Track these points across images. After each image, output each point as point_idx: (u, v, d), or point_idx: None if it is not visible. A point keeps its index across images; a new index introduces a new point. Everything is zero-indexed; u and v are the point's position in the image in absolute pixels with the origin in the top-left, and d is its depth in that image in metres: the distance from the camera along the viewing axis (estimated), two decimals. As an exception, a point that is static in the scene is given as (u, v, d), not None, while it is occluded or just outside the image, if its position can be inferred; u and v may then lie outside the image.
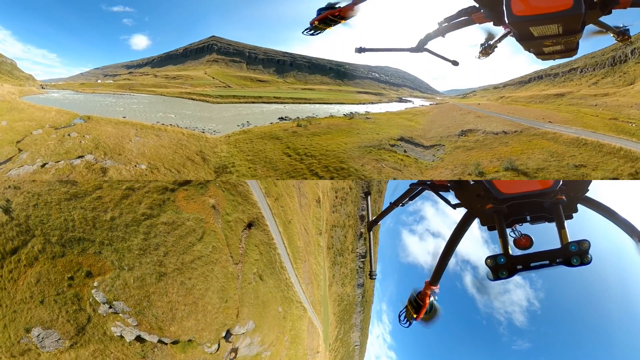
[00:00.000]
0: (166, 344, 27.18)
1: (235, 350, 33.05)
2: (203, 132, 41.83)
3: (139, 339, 26.18)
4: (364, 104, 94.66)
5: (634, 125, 36.27)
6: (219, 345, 30.63)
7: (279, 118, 53.01)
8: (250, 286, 36.40)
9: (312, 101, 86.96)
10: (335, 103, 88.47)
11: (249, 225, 39.27)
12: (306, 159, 30.33)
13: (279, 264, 42.22)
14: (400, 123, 51.43)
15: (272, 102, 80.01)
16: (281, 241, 43.63)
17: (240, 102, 76.18)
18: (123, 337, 25.57)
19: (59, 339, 24.29)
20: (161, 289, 27.57)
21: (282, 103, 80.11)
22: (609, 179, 23.09)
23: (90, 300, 25.68)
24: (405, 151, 30.61)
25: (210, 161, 32.83)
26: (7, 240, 25.34)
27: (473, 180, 5.22)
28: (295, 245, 46.62)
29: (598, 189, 5.00)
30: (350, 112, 62.79)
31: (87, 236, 27.02)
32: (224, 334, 31.35)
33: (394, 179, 27.96)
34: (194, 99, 76.58)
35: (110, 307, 25.92)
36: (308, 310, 47.41)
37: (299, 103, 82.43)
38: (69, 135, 35.37)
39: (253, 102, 77.67)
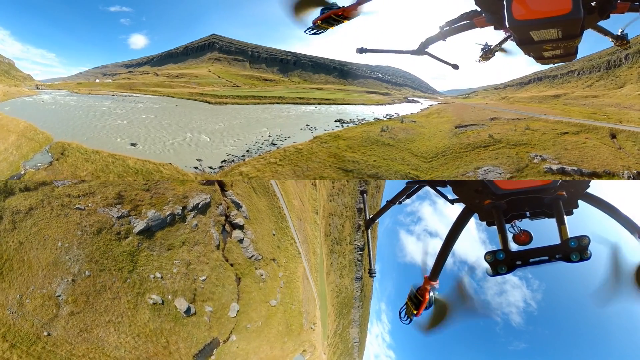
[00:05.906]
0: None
1: (230, 222, 33.81)
2: (299, 149, 31.33)
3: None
4: (382, 104, 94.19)
5: (605, 116, 49.78)
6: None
7: (335, 121, 52.98)
8: (243, 182, 36.38)
9: (336, 102, 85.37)
10: (356, 104, 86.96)
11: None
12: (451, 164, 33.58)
13: (272, 191, 41.20)
14: (439, 122, 56.27)
15: (297, 103, 76.66)
16: (275, 185, 41.69)
17: (263, 103, 71.76)
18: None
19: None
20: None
21: (308, 104, 77.27)
22: (562, 133, 37.71)
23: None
24: (465, 130, 44.94)
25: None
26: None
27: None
28: (291, 201, 45.06)
29: (598, 187, 4.97)
30: (388, 114, 64.72)
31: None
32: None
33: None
34: (208, 102, 68.18)
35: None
36: (302, 258, 44.91)
37: (325, 104, 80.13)
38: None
39: (278, 103, 73.64)
